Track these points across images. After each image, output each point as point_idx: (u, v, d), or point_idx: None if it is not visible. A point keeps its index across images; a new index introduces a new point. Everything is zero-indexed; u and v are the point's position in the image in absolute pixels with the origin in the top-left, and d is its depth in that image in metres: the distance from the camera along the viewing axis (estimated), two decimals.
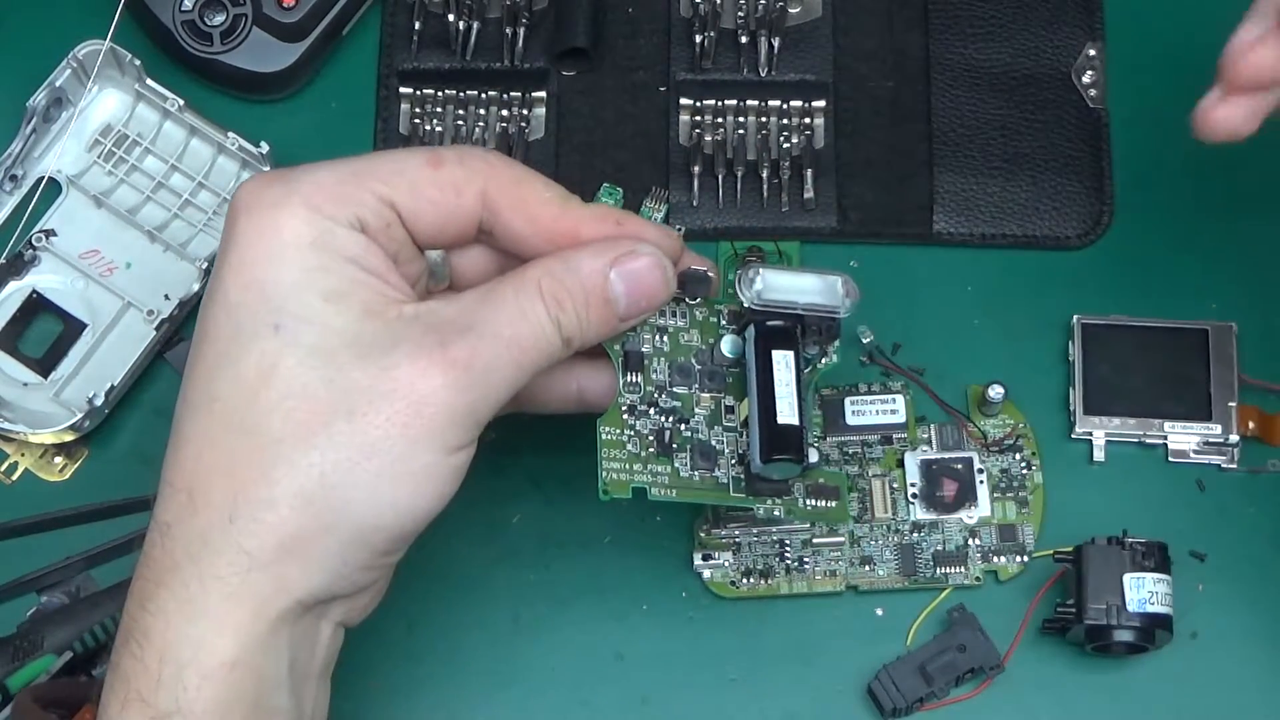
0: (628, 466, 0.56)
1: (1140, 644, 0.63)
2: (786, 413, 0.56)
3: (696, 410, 0.57)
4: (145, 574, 0.49)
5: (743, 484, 0.57)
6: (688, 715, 0.65)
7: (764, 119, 0.71)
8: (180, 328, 0.68)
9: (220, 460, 0.48)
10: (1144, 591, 0.62)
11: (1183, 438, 0.66)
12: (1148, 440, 0.67)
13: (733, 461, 0.57)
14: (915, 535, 0.66)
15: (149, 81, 0.70)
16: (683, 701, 0.65)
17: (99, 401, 0.66)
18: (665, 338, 0.58)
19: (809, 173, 0.70)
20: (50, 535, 0.66)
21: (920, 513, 0.66)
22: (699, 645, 0.65)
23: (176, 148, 0.71)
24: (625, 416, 0.56)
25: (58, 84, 0.69)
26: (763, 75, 0.71)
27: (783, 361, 0.56)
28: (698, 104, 0.72)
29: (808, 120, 0.71)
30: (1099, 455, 0.67)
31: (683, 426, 0.57)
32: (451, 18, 0.71)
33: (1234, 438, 0.66)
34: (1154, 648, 0.63)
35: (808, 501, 0.58)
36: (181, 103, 0.70)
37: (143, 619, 0.48)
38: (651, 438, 0.56)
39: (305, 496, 0.48)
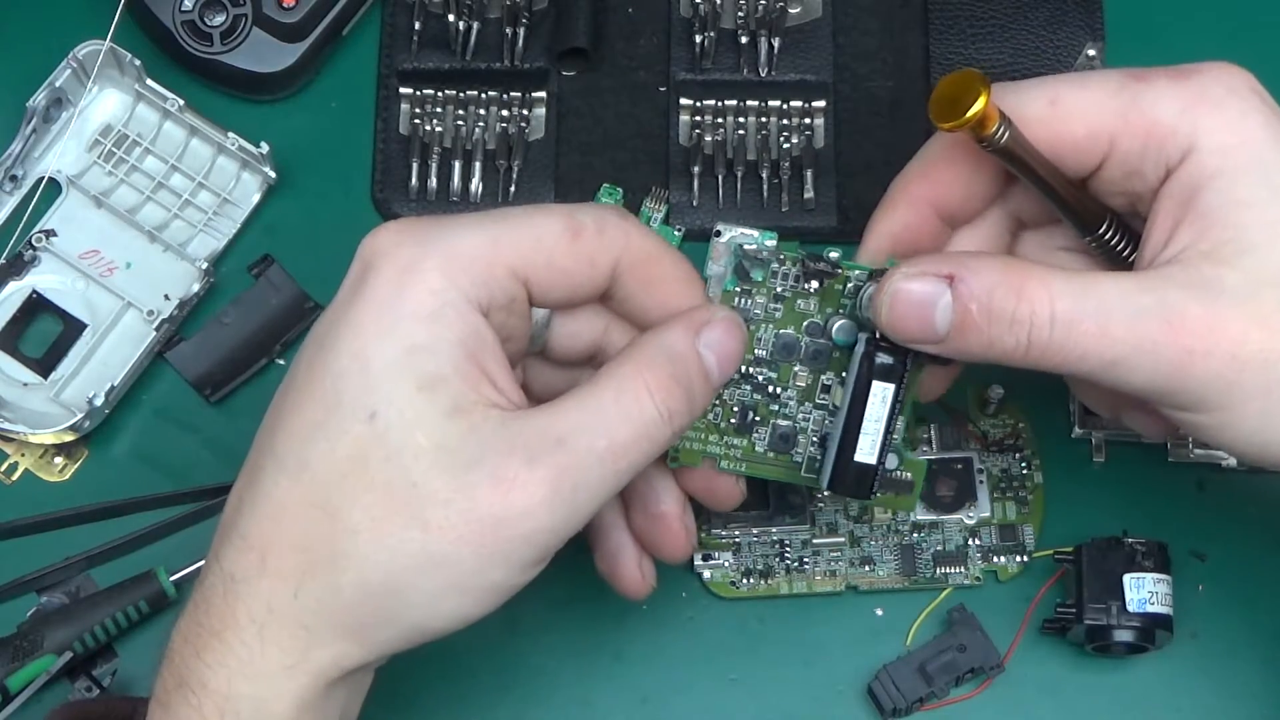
0: (704, 436, 0.56)
1: (1140, 644, 0.63)
2: (866, 450, 0.54)
3: (790, 386, 0.56)
4: (202, 620, 0.49)
5: (816, 464, 0.57)
6: (688, 715, 0.65)
7: (764, 119, 0.71)
8: (180, 328, 0.68)
9: (297, 532, 0.49)
10: (1144, 591, 0.62)
11: (1182, 438, 0.66)
12: (1147, 440, 0.67)
13: (813, 441, 0.57)
14: (915, 535, 0.66)
15: (149, 81, 0.70)
16: (683, 701, 0.65)
17: (99, 401, 0.66)
18: (780, 304, 0.55)
19: (809, 173, 0.70)
20: (50, 535, 0.66)
21: (920, 513, 0.66)
22: (699, 645, 0.65)
23: (176, 148, 0.71)
24: None
25: (58, 84, 0.69)
26: (763, 75, 0.71)
27: (880, 396, 0.54)
28: (698, 104, 0.72)
29: (808, 120, 0.71)
30: (1099, 455, 0.67)
31: (772, 404, 0.56)
32: (451, 18, 0.71)
33: None
34: (1154, 648, 0.63)
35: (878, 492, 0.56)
36: (181, 103, 0.70)
37: (199, 668, 0.49)
38: (735, 409, 0.56)
39: (368, 590, 0.48)
